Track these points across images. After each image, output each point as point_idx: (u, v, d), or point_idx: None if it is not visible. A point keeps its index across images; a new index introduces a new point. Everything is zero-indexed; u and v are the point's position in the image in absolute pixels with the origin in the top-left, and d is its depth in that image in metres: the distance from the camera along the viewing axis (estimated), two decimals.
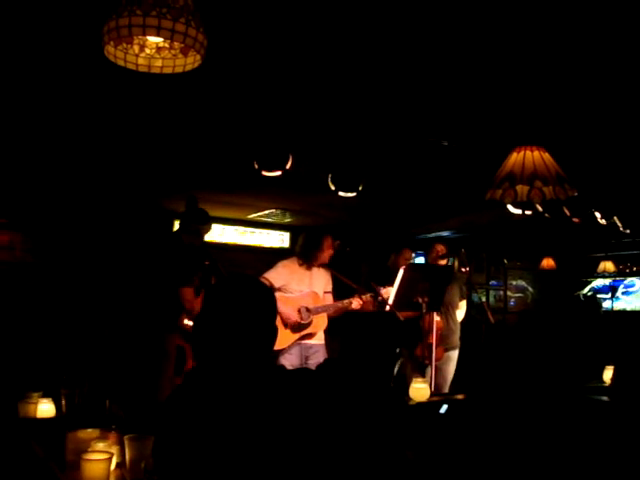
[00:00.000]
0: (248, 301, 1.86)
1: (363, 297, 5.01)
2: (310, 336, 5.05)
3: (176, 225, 7.69)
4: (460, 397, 4.18)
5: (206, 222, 4.94)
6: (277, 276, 5.03)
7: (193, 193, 5.15)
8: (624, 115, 4.23)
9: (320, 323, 5.08)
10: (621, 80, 3.62)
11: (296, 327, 4.99)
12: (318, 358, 4.98)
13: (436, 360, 5.09)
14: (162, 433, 1.76)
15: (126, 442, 2.32)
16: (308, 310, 5.03)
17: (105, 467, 2.17)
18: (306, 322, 5.00)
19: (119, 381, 4.49)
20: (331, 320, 5.16)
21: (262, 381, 1.78)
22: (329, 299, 5.18)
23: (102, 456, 2.19)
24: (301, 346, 5.01)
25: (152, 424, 2.07)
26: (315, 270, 5.14)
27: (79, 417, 2.91)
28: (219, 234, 8.70)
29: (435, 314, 5.06)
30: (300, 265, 5.10)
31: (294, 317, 4.97)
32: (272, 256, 8.99)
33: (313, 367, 4.16)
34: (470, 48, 3.27)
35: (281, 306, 4.94)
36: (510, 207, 5.16)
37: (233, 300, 1.86)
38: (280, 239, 9.32)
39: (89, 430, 2.50)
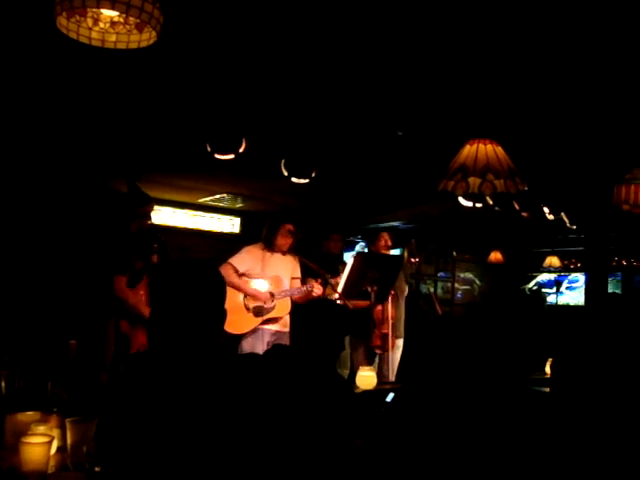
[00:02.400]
0: (193, 283, 1.85)
1: (322, 282, 5.07)
2: (274, 321, 5.10)
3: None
4: (404, 386, 4.25)
5: (148, 202, 4.92)
6: (241, 261, 5.10)
7: (142, 174, 5.09)
8: (576, 111, 4.33)
9: (283, 308, 5.12)
10: (572, 75, 3.71)
11: (259, 311, 5.04)
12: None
13: (387, 349, 5.17)
14: (105, 416, 1.75)
15: (68, 425, 2.29)
16: (271, 294, 5.09)
17: (45, 451, 2.12)
18: (269, 306, 5.06)
19: (61, 364, 4.44)
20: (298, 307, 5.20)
21: (207, 365, 1.78)
22: (296, 284, 5.23)
23: (42, 439, 2.14)
24: (264, 332, 5.06)
25: (95, 407, 2.05)
26: (281, 256, 5.20)
27: (19, 399, 2.86)
28: (170, 217, 8.62)
29: (389, 303, 5.13)
30: (263, 250, 5.17)
31: (263, 297, 5.03)
32: (222, 241, 9.02)
33: None
34: (426, 39, 3.30)
35: (248, 288, 5.06)
36: (461, 199, 5.24)
37: (180, 283, 1.85)
38: (230, 224, 9.27)
39: (29, 413, 2.45)
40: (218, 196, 8.14)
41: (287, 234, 5.13)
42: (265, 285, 5.12)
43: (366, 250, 9.59)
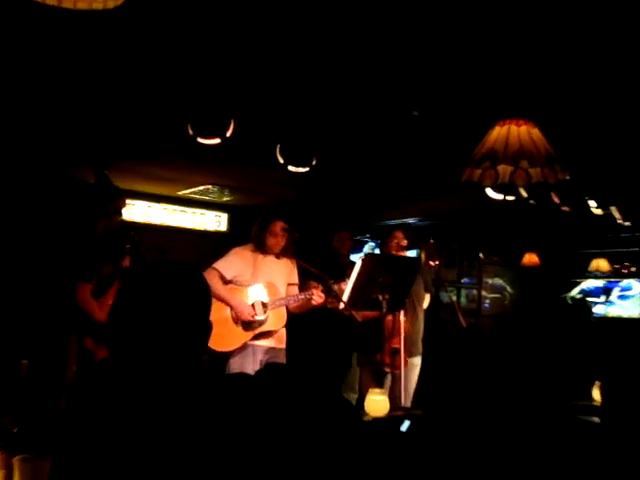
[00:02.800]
0: (172, 290, 1.86)
1: (324, 288, 5.06)
2: (267, 336, 5.09)
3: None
4: (424, 413, 4.23)
5: (119, 195, 4.91)
6: (229, 265, 5.11)
7: (112, 162, 5.08)
8: (628, 89, 4.29)
9: (278, 319, 5.12)
10: (623, 41, 3.68)
11: (249, 324, 5.04)
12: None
13: (399, 368, 5.15)
14: (63, 452, 1.72)
15: (16, 464, 2.26)
16: (263, 304, 5.09)
17: None
18: (261, 318, 5.06)
19: (10, 388, 4.42)
20: (298, 320, 5.23)
21: (188, 390, 1.78)
22: (294, 291, 5.24)
23: None
24: (255, 348, 5.06)
25: (51, 441, 2.03)
26: (274, 259, 5.21)
27: None
28: (144, 213, 8.64)
29: (402, 314, 5.12)
30: (255, 253, 5.18)
31: (247, 312, 5.03)
32: (207, 241, 9.05)
33: None
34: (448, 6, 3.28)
35: (232, 299, 5.05)
36: (489, 191, 5.22)
37: (154, 290, 1.86)
38: (217, 221, 9.28)
39: None
40: (202, 188, 8.14)
41: (279, 233, 5.13)
42: (258, 293, 5.12)
43: (377, 251, 9.60)
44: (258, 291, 5.13)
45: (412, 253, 6.65)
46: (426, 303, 5.90)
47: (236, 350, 5.02)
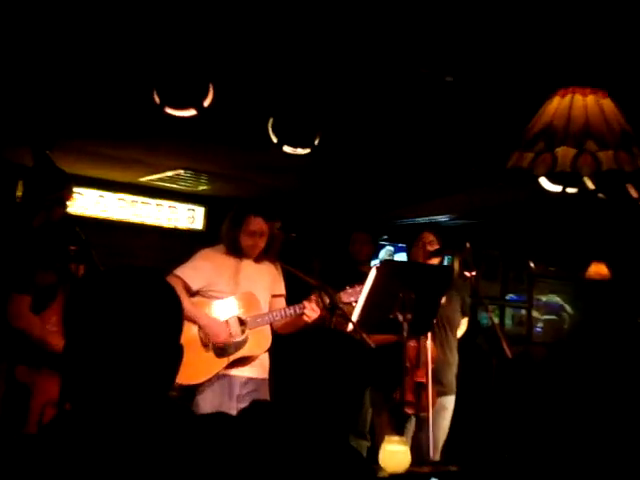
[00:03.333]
0: (132, 305, 1.83)
1: (318, 299, 5.03)
2: (245, 363, 5.10)
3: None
4: (458, 469, 4.21)
5: (66, 183, 4.90)
6: (195, 273, 5.11)
7: (56, 140, 5.07)
8: None
9: (260, 342, 5.13)
10: None
11: (223, 348, 5.03)
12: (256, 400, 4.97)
13: (426, 409, 5.14)
14: None
15: None
16: (241, 321, 5.08)
17: None
18: (238, 340, 5.05)
19: None
20: (284, 341, 5.18)
21: (151, 434, 1.76)
22: (279, 305, 5.26)
23: None
24: (231, 380, 5.05)
25: None
26: (253, 264, 5.23)
27: None
28: (96, 204, 8.66)
29: (429, 339, 5.12)
30: (228, 256, 5.18)
31: (221, 332, 5.02)
32: (177, 241, 9.01)
33: None
34: None
35: (201, 316, 5.05)
36: (544, 181, 5.17)
37: (108, 304, 1.83)
38: (190, 216, 9.34)
39: None
40: (171, 173, 8.16)
41: (256, 232, 5.13)
42: (233, 307, 5.11)
43: (397, 258, 9.61)
44: (233, 305, 5.12)
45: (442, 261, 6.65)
46: (462, 329, 5.91)
47: (206, 383, 5.00)
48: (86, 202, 8.47)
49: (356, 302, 4.99)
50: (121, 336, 1.79)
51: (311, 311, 5.03)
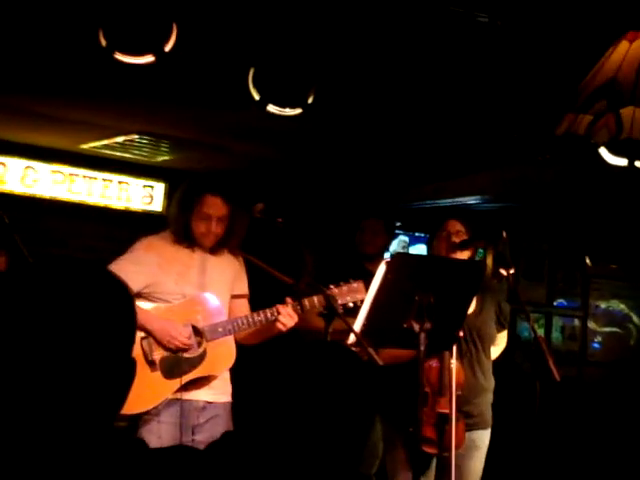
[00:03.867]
0: (72, 309, 1.83)
1: (305, 303, 5.05)
2: (201, 384, 5.08)
3: None
4: None
5: None
6: (135, 269, 5.05)
7: None
8: None
9: (221, 357, 5.12)
10: None
11: (173, 365, 5.00)
12: (213, 431, 4.98)
13: (452, 448, 5.13)
14: None
15: None
16: (197, 332, 5.05)
17: None
18: (193, 355, 5.03)
19: None
20: (248, 351, 5.21)
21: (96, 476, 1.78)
22: (241, 308, 5.25)
23: None
24: (182, 405, 5.02)
25: None
26: (210, 257, 5.22)
27: None
28: (23, 178, 8.65)
29: (454, 357, 5.10)
30: (177, 246, 5.18)
31: (178, 335, 4.99)
32: (129, 226, 8.98)
33: (202, 446, 4.18)
34: None
35: (149, 319, 4.98)
36: (605, 152, 5.17)
37: (43, 307, 1.82)
38: (146, 194, 9.39)
39: None
40: (122, 139, 8.19)
41: (212, 216, 5.11)
42: (184, 314, 5.08)
43: (412, 251, 9.60)
44: (185, 311, 5.10)
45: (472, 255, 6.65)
46: (500, 345, 5.86)
47: (152, 411, 4.97)
48: (10, 175, 8.46)
49: (352, 304, 5.01)
50: (56, 349, 1.79)
51: (288, 318, 5.00)
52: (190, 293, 5.13)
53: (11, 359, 1.78)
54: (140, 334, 4.97)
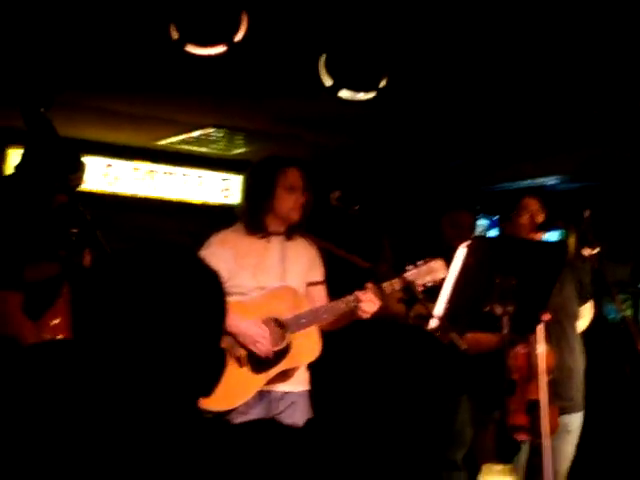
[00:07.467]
0: (164, 295, 1.84)
1: (384, 286, 4.97)
2: (285, 376, 5.06)
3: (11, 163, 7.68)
4: None
5: (77, 168, 4.91)
6: (214, 261, 4.96)
7: (53, 97, 5.12)
8: None
9: (307, 349, 5.08)
10: None
11: (262, 361, 4.99)
12: (294, 417, 4.98)
13: (544, 435, 5.08)
14: None
15: None
16: (279, 324, 5.01)
17: None
18: (280, 348, 4.99)
19: None
20: (333, 338, 5.17)
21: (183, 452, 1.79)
22: (319, 296, 5.22)
23: None
24: (265, 397, 5.02)
25: None
26: (286, 243, 5.19)
27: None
28: (102, 175, 8.78)
29: (542, 342, 5.04)
30: (251, 236, 5.15)
31: (259, 342, 4.96)
32: (207, 220, 8.98)
33: None
34: None
35: (233, 321, 4.82)
36: None
37: (134, 295, 1.84)
38: (223, 187, 9.47)
39: None
40: (197, 133, 8.25)
41: (295, 186, 5.08)
42: (265, 307, 5.05)
43: (491, 234, 9.54)
44: (266, 304, 5.06)
45: (554, 236, 6.62)
46: (585, 320, 5.81)
47: (240, 408, 4.93)
48: (90, 173, 8.41)
49: (432, 283, 5.00)
50: (148, 337, 1.81)
51: (369, 304, 4.91)
52: (269, 285, 5.08)
53: (109, 339, 1.80)
54: None
